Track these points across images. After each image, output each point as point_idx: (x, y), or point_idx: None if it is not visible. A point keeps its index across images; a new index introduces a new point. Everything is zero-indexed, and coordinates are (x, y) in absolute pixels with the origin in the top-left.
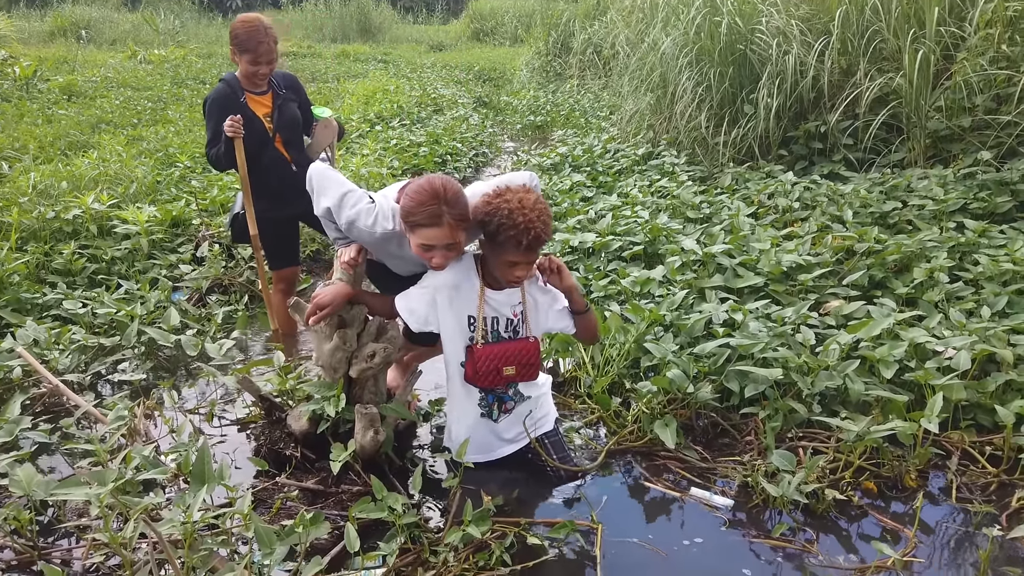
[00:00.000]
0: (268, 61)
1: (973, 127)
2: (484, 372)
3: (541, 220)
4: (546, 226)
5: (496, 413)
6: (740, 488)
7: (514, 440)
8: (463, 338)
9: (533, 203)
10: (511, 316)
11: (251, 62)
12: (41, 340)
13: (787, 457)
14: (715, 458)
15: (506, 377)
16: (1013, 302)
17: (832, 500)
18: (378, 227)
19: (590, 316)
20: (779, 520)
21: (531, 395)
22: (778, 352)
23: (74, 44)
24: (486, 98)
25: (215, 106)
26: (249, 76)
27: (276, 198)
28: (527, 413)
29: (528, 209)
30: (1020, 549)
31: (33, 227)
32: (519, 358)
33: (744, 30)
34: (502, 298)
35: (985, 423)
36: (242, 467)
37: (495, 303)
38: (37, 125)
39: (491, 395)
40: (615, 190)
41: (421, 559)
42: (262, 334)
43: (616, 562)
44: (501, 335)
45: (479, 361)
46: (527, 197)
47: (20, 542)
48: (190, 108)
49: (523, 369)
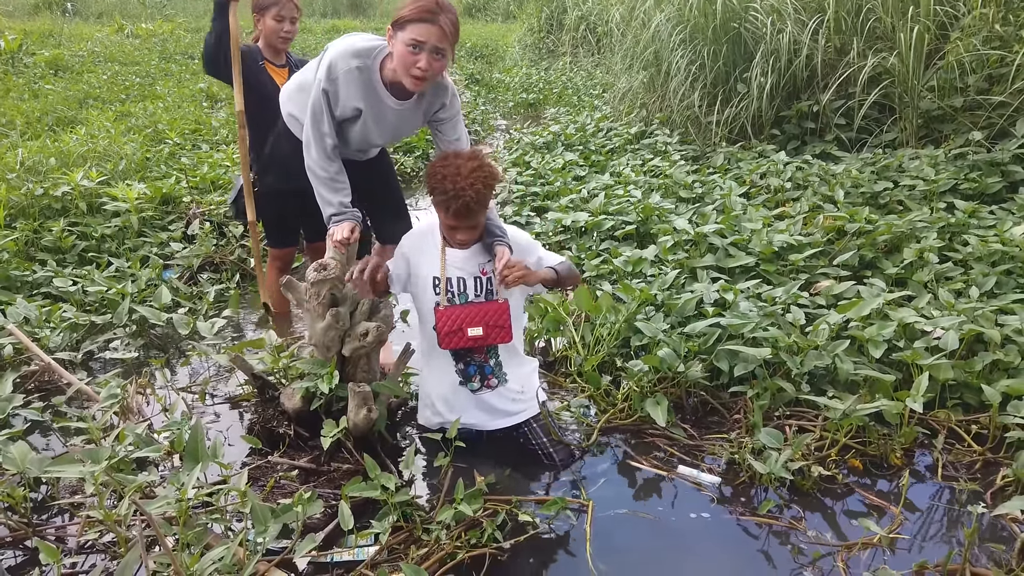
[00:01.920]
0: (292, 17)
1: (965, 107)
2: (446, 333)
3: (473, 189)
4: (479, 195)
5: (477, 385)
6: (727, 466)
7: (497, 416)
8: (431, 300)
9: (470, 171)
10: (479, 274)
11: (276, 17)
12: (32, 318)
13: (774, 435)
14: (703, 436)
15: (472, 338)
16: (1001, 282)
17: (818, 477)
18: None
19: (562, 278)
20: (765, 497)
21: (511, 372)
22: (768, 332)
23: (60, 17)
24: (478, 75)
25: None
26: (272, 36)
27: (284, 170)
28: (515, 395)
29: (461, 177)
30: (1004, 526)
31: (22, 204)
32: (485, 319)
33: (738, 8)
34: (466, 255)
35: (972, 402)
36: (235, 445)
37: (459, 262)
38: (24, 100)
39: (471, 365)
40: (608, 169)
41: (414, 537)
42: (255, 313)
43: (605, 539)
44: (471, 297)
45: (441, 321)
46: (466, 165)
47: (14, 519)
48: (179, 84)
49: (491, 330)
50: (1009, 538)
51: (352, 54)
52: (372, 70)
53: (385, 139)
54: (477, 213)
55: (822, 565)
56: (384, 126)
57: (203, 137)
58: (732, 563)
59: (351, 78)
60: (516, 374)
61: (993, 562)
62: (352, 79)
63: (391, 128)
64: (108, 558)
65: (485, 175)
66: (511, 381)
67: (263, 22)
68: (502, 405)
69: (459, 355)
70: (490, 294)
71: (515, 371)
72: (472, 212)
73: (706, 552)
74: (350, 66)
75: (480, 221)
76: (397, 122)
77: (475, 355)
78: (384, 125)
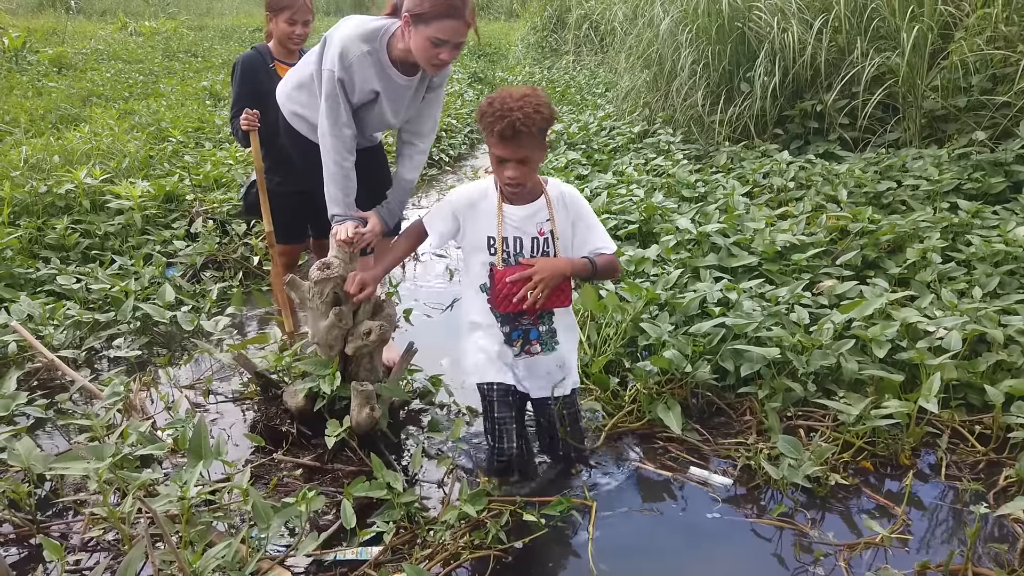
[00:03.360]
0: (305, 20)
1: (969, 107)
2: (505, 296)
3: (522, 111)
4: (527, 118)
5: (517, 350)
6: (742, 469)
7: (527, 384)
8: (484, 260)
9: (520, 96)
10: (536, 234)
11: (288, 20)
12: (36, 315)
13: (793, 443)
14: (713, 437)
15: (532, 303)
16: (1004, 283)
17: (834, 484)
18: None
19: (599, 272)
20: (775, 499)
21: (563, 341)
22: (771, 331)
23: (63, 15)
24: (481, 74)
25: (242, 71)
26: (284, 39)
27: (289, 172)
28: (549, 370)
29: (510, 98)
30: (1007, 527)
31: (25, 201)
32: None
33: (742, 7)
34: (523, 214)
35: (975, 403)
36: (238, 443)
37: (515, 220)
38: (27, 98)
39: (516, 330)
40: (610, 168)
41: (418, 537)
42: (258, 310)
43: (611, 540)
44: (527, 258)
45: (499, 283)
46: (517, 91)
47: (19, 516)
48: (182, 82)
49: (552, 293)
50: (1012, 538)
51: (361, 38)
52: (381, 51)
53: (399, 118)
54: (525, 141)
55: (825, 565)
56: (398, 104)
57: (206, 135)
58: (736, 563)
59: (364, 63)
60: (566, 347)
61: (995, 562)
62: (366, 63)
63: (404, 105)
64: (112, 555)
65: (537, 102)
66: (560, 350)
67: (276, 23)
68: (548, 371)
69: (506, 318)
70: (545, 254)
71: (566, 343)
72: (519, 136)
73: (709, 553)
74: (361, 51)
75: (530, 157)
76: (406, 97)
77: (523, 319)
78: (398, 103)
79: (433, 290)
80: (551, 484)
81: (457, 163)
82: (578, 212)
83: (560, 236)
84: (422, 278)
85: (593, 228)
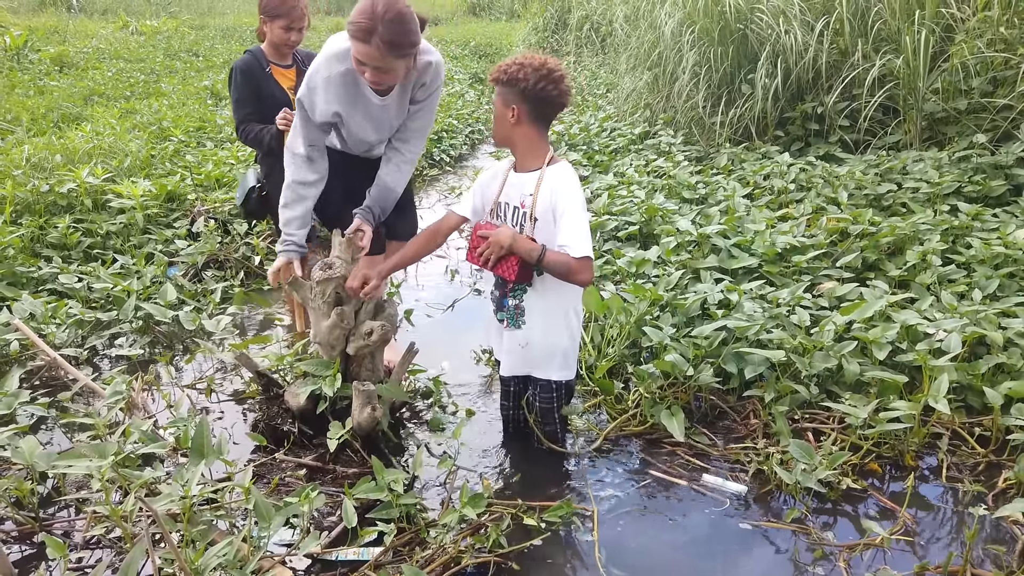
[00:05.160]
0: (300, 27)
1: (969, 110)
2: (472, 248)
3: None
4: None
5: (501, 316)
6: (742, 470)
7: (511, 357)
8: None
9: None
10: (518, 204)
11: (284, 28)
12: (38, 314)
13: (804, 448)
14: (719, 441)
15: (483, 261)
16: (1004, 285)
17: (846, 488)
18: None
19: (547, 263)
20: (787, 503)
21: (531, 323)
22: (772, 334)
23: (64, 14)
24: (482, 74)
25: (242, 76)
26: (279, 45)
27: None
28: (512, 348)
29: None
30: (1006, 528)
31: (27, 200)
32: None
33: (744, 9)
34: (516, 181)
35: (975, 404)
36: (240, 442)
37: (512, 183)
38: (29, 96)
39: (502, 299)
40: (611, 169)
41: (419, 539)
42: (258, 310)
43: (615, 544)
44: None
45: (473, 234)
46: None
47: (22, 514)
48: (183, 81)
49: (500, 261)
50: (1011, 540)
51: (337, 58)
52: (356, 71)
53: (381, 134)
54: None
55: (824, 565)
56: (374, 122)
57: (208, 134)
58: (739, 564)
59: (332, 83)
60: (534, 331)
61: (994, 564)
62: (333, 84)
63: (387, 124)
64: (114, 553)
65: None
66: (525, 330)
67: (271, 28)
68: (510, 348)
69: (497, 283)
70: (521, 228)
71: (536, 326)
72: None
73: (716, 558)
74: (332, 72)
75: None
76: (384, 116)
77: (505, 287)
78: (373, 121)
79: (434, 290)
80: (554, 487)
81: (458, 163)
82: (557, 204)
83: (539, 218)
84: (423, 278)
85: (569, 222)
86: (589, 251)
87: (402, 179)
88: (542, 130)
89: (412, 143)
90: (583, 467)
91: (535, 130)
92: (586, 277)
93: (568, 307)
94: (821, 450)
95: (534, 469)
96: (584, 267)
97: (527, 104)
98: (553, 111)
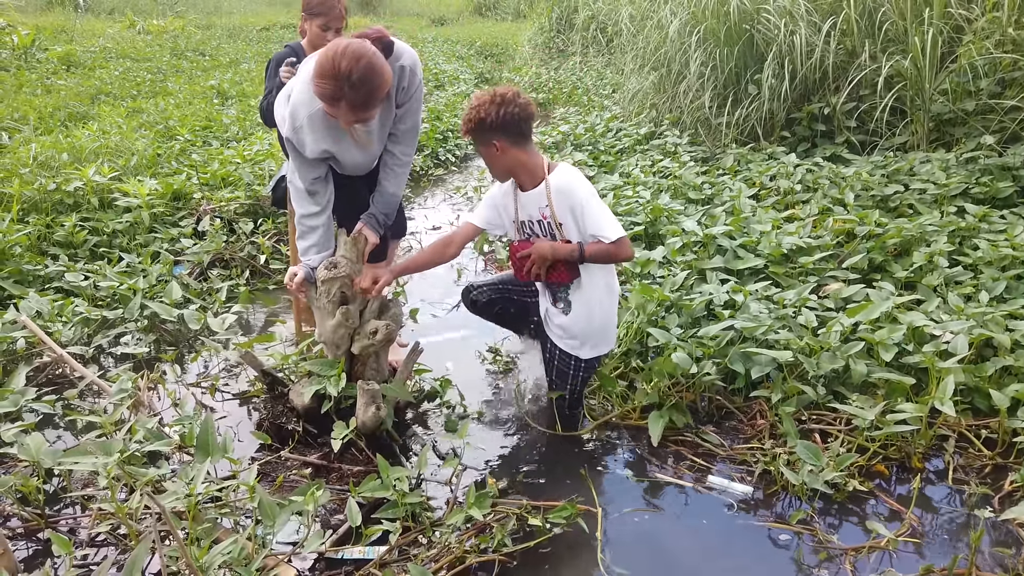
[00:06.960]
0: (338, 28)
1: (977, 111)
2: (516, 269)
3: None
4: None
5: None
6: (748, 471)
7: (548, 327)
8: (512, 238)
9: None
10: (540, 218)
11: (322, 27)
12: (44, 312)
13: (812, 449)
14: (726, 441)
15: (536, 276)
16: (1011, 287)
17: (852, 490)
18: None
19: (589, 256)
20: (793, 504)
21: (576, 309)
22: (779, 335)
23: (72, 13)
24: (488, 74)
25: (276, 65)
26: (317, 42)
27: None
28: (558, 323)
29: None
30: (1011, 531)
31: (34, 199)
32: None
33: (751, 9)
34: (527, 200)
35: (981, 407)
36: (244, 440)
37: (524, 203)
38: (36, 95)
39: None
40: (617, 170)
41: (423, 537)
42: (264, 308)
43: (620, 544)
44: (540, 237)
45: (512, 256)
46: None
47: (28, 510)
48: (190, 80)
49: (552, 270)
50: (1016, 543)
51: (312, 97)
52: None
53: (374, 153)
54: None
55: (830, 567)
56: (363, 148)
57: (214, 134)
58: (744, 565)
59: (315, 122)
60: (577, 316)
61: (1000, 566)
62: (316, 122)
63: (375, 142)
64: (119, 550)
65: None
66: (570, 316)
67: (310, 25)
68: (552, 320)
69: (548, 286)
70: (552, 236)
71: (579, 313)
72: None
73: (720, 558)
74: (313, 109)
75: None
76: (371, 138)
77: (556, 288)
78: (362, 147)
79: (439, 290)
80: (559, 487)
81: (463, 163)
82: (573, 201)
83: (562, 222)
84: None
85: (589, 215)
86: (620, 230)
87: (400, 182)
88: (528, 147)
89: (404, 145)
90: (588, 467)
91: (522, 150)
92: (627, 253)
93: (601, 283)
94: (828, 451)
95: (539, 469)
96: (622, 246)
97: (502, 132)
98: (526, 125)
